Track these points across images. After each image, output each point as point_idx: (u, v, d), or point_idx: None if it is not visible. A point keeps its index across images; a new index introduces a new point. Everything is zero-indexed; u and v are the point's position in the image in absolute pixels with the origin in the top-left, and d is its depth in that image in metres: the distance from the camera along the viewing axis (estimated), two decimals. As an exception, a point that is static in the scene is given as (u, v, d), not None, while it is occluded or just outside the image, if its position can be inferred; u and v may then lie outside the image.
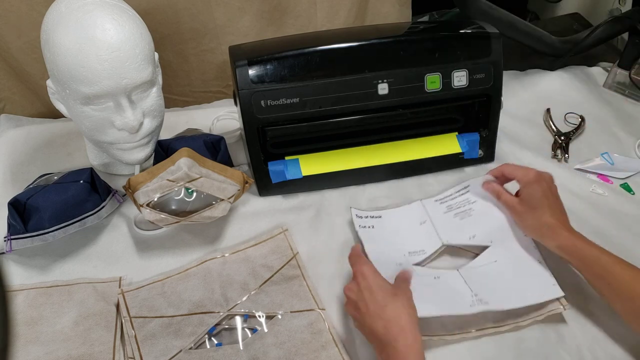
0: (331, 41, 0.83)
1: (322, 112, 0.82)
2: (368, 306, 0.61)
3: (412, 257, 0.76)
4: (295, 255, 0.79)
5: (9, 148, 0.98)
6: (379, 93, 0.82)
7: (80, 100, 0.75)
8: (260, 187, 0.88)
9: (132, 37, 0.73)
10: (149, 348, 0.68)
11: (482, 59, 0.84)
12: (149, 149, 0.84)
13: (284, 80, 0.79)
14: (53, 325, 0.70)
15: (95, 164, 0.93)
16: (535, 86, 1.12)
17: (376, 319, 0.60)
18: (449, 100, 0.86)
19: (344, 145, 0.89)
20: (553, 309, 0.69)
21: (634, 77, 1.07)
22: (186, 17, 1.04)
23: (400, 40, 0.85)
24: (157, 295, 0.74)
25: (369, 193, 0.89)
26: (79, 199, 0.78)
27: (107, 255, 0.80)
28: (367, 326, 0.61)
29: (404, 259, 0.76)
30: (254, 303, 0.72)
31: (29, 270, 0.78)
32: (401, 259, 0.76)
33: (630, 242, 0.80)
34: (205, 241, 0.82)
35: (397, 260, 0.75)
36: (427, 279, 0.72)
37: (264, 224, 0.84)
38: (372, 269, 0.64)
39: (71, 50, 0.71)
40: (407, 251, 0.77)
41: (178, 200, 0.77)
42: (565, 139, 0.98)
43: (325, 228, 0.83)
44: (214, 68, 1.12)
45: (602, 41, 1.14)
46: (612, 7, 1.30)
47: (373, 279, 0.63)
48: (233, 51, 0.84)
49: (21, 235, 0.76)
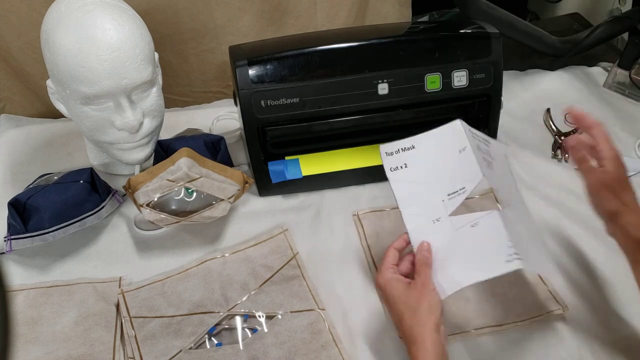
0: (331, 41, 0.83)
1: (322, 112, 0.82)
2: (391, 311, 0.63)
3: (451, 202, 0.66)
4: (295, 255, 0.79)
5: (9, 148, 0.98)
6: (379, 93, 0.82)
7: (80, 100, 0.75)
8: (260, 187, 0.88)
9: (132, 37, 0.73)
10: (149, 348, 0.68)
11: (482, 59, 0.84)
12: (149, 149, 0.84)
13: (284, 80, 0.79)
14: (53, 325, 0.70)
15: (95, 164, 0.93)
16: (535, 86, 1.12)
17: (398, 325, 0.61)
18: (449, 100, 0.86)
19: (344, 145, 0.89)
20: (553, 310, 0.69)
21: (634, 77, 1.07)
22: (186, 17, 1.04)
23: (400, 40, 0.85)
24: (157, 295, 0.74)
25: (369, 193, 0.89)
26: (79, 199, 0.78)
27: (107, 255, 0.80)
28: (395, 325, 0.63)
29: (443, 207, 0.66)
30: (254, 303, 0.72)
31: (29, 270, 0.78)
32: (440, 211, 0.66)
33: (630, 242, 0.80)
34: (205, 241, 0.82)
35: (436, 214, 0.66)
36: (463, 231, 0.64)
37: (264, 224, 0.84)
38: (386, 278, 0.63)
39: (71, 50, 0.71)
40: (447, 194, 0.67)
41: (178, 200, 0.77)
42: (566, 139, 0.98)
43: (325, 228, 0.83)
44: (214, 68, 1.12)
45: (602, 41, 1.14)
46: (612, 7, 1.30)
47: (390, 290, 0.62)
48: (233, 51, 0.84)
49: (21, 235, 0.76)
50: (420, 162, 0.69)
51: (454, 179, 0.67)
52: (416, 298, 0.60)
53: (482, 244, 0.62)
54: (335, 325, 0.70)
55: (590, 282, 0.75)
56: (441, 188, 0.67)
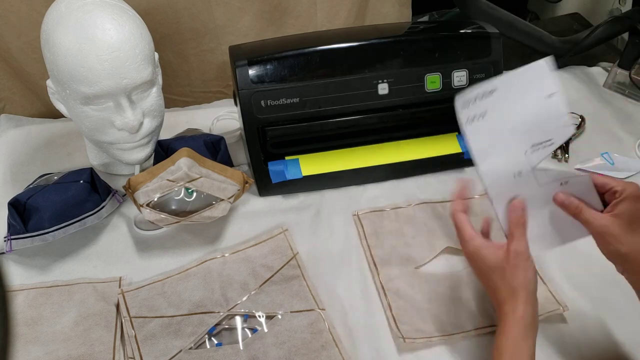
0: (331, 41, 0.83)
1: (322, 112, 0.82)
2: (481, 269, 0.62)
3: (535, 154, 0.60)
4: (295, 255, 0.79)
5: (9, 148, 0.98)
6: (379, 93, 0.82)
7: (80, 100, 0.75)
8: (260, 187, 0.88)
9: (132, 37, 0.73)
10: (149, 348, 0.68)
11: (482, 59, 0.84)
12: (149, 149, 0.84)
13: (284, 80, 0.79)
14: (53, 325, 0.70)
15: (95, 164, 0.93)
16: (536, 86, 1.11)
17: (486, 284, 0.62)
18: (449, 100, 0.85)
19: (344, 145, 0.89)
20: (553, 310, 0.69)
21: (634, 77, 1.07)
22: (186, 17, 1.04)
23: (400, 40, 0.85)
24: (157, 295, 0.74)
25: (369, 193, 0.89)
26: (79, 199, 0.78)
27: (107, 255, 0.80)
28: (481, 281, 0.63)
29: (525, 159, 0.60)
30: (254, 303, 0.72)
31: (29, 270, 0.78)
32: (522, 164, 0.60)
33: (631, 242, 0.80)
34: (205, 241, 0.82)
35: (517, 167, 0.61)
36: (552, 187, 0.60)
37: (264, 224, 0.84)
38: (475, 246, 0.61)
39: (71, 50, 0.71)
40: (530, 144, 0.60)
41: (178, 200, 0.77)
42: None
43: (325, 228, 0.83)
44: (214, 68, 1.12)
45: (602, 41, 1.14)
46: (612, 7, 1.30)
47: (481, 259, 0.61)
48: (233, 51, 0.84)
49: (21, 235, 0.76)
50: (502, 108, 0.61)
51: (539, 128, 0.60)
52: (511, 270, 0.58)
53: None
54: (335, 325, 0.70)
55: (590, 282, 0.75)
56: (524, 138, 0.60)
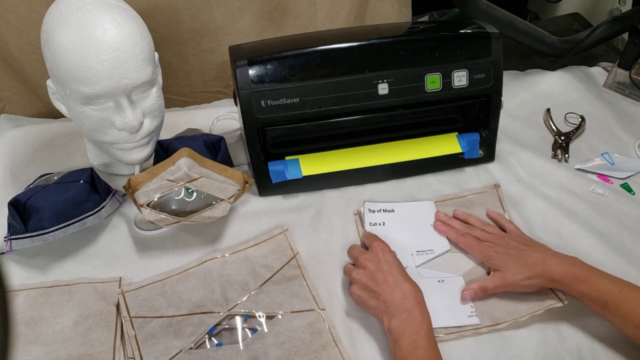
0: (331, 41, 0.83)
1: (322, 112, 0.82)
2: (387, 278, 0.67)
3: (419, 257, 0.78)
4: (295, 255, 0.79)
5: (9, 148, 0.98)
6: (379, 93, 0.82)
7: (80, 100, 0.75)
8: (260, 187, 0.88)
9: (132, 37, 0.73)
10: (149, 348, 0.68)
11: (482, 59, 0.84)
12: (149, 149, 0.84)
13: (284, 80, 0.79)
14: (53, 325, 0.70)
15: (95, 164, 0.93)
16: (535, 86, 1.12)
17: (395, 289, 0.66)
18: (449, 100, 0.86)
19: (344, 145, 0.89)
20: (552, 304, 0.69)
21: (634, 77, 1.07)
22: (186, 17, 1.04)
23: (400, 40, 0.85)
24: (157, 295, 0.74)
25: (369, 193, 0.89)
26: (79, 199, 0.78)
27: (107, 255, 0.80)
28: (380, 296, 0.66)
29: (411, 258, 0.78)
30: (254, 303, 0.72)
31: (29, 270, 0.78)
32: (408, 261, 0.77)
33: (630, 242, 0.80)
34: (205, 241, 0.82)
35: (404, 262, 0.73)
36: (431, 282, 0.74)
37: (264, 224, 0.84)
38: (390, 248, 0.71)
39: (71, 50, 0.71)
40: (415, 250, 0.79)
41: (178, 200, 0.77)
42: (566, 139, 0.98)
43: (325, 228, 0.83)
44: (214, 68, 1.12)
45: (602, 41, 1.14)
46: (612, 7, 1.30)
47: (393, 257, 0.70)
48: (233, 51, 0.84)
49: (21, 235, 0.76)
50: (397, 223, 0.83)
51: (423, 240, 0.80)
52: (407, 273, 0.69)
53: (448, 297, 0.72)
54: (335, 325, 0.70)
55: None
56: (411, 244, 0.79)
